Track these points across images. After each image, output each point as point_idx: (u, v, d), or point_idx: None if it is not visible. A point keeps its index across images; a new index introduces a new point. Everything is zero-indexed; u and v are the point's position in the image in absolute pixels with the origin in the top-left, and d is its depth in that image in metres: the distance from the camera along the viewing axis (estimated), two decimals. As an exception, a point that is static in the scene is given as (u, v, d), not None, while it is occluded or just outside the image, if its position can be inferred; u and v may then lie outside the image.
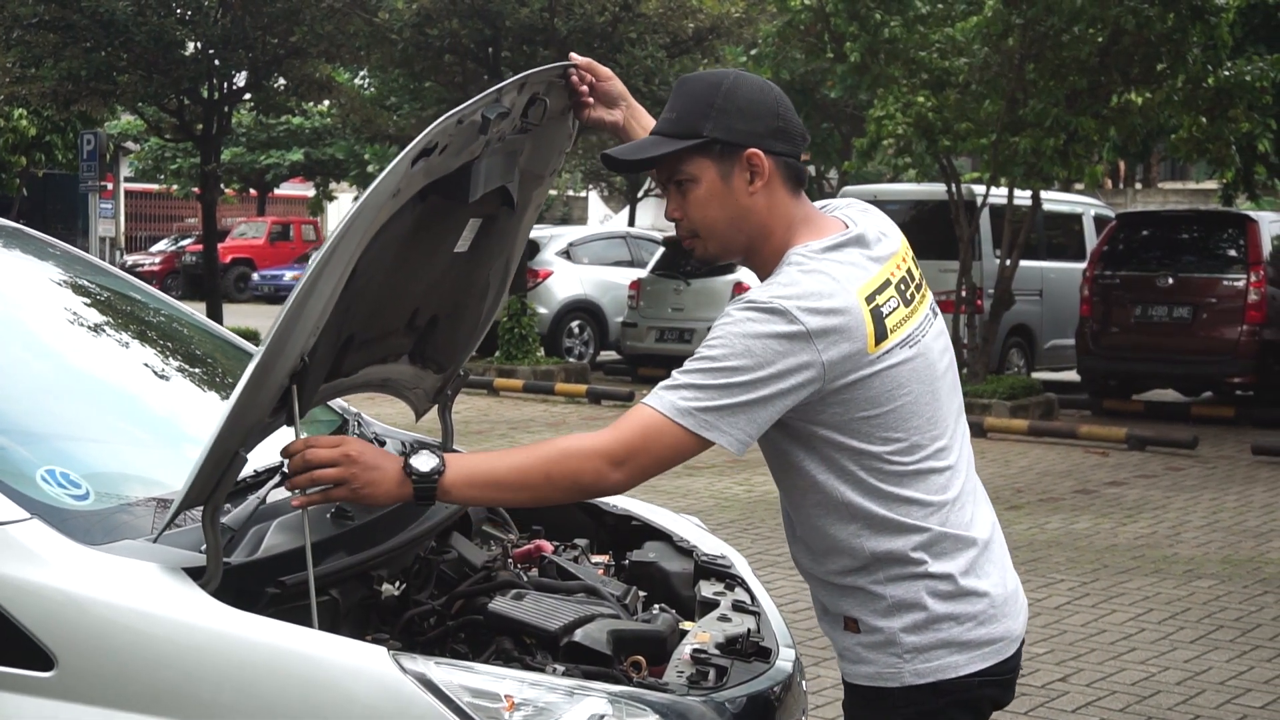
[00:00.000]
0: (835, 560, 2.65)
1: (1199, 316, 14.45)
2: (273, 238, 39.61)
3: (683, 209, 2.66)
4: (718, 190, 2.63)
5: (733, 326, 2.52)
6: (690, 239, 2.69)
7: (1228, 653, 6.56)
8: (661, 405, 2.52)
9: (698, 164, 2.62)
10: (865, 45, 14.62)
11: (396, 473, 2.51)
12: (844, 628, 2.68)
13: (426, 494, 2.50)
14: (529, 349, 17.81)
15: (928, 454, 2.61)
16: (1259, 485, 11.01)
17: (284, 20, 19.42)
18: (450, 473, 2.50)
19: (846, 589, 2.65)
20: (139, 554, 2.53)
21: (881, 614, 2.62)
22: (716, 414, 2.51)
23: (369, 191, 2.49)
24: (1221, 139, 15.10)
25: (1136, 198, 37.92)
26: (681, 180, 2.64)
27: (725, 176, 2.62)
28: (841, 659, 2.71)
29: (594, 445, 2.51)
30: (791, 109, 2.71)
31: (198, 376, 3.82)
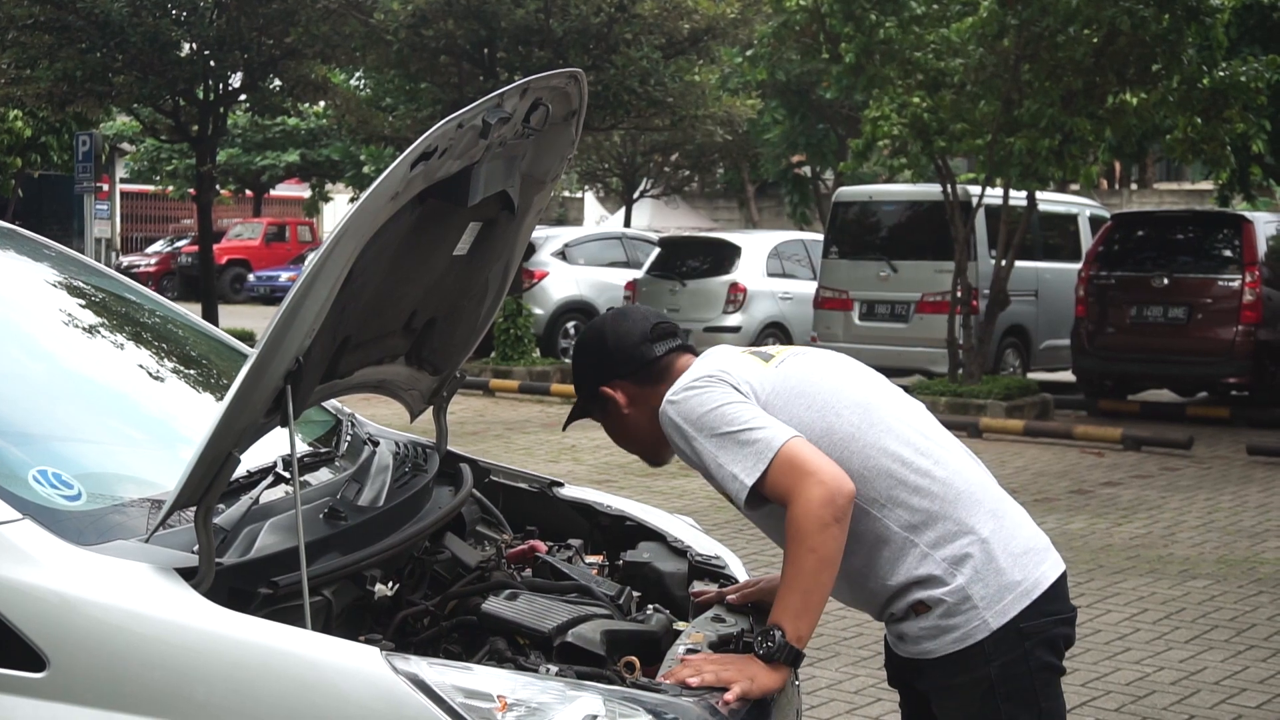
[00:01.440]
0: (877, 564, 2.91)
1: (1194, 317, 14.47)
2: (268, 239, 39.59)
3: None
4: (615, 419, 3.17)
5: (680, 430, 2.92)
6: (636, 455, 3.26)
7: (1223, 652, 6.57)
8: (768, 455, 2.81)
9: (591, 409, 3.21)
10: (861, 46, 14.63)
11: (762, 665, 2.75)
12: (914, 616, 2.93)
13: (795, 659, 2.79)
14: (525, 350, 17.81)
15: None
16: (1254, 485, 11.01)
17: (279, 21, 19.40)
18: (789, 630, 2.76)
19: (900, 580, 2.91)
20: (131, 554, 2.52)
21: (943, 580, 2.89)
22: (760, 428, 2.89)
23: (367, 194, 2.49)
24: (1216, 140, 15.10)
25: (1132, 198, 37.93)
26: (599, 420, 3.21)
27: (606, 410, 3.17)
28: (918, 644, 2.93)
29: (798, 506, 2.77)
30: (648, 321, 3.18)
31: (192, 377, 3.82)
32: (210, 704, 2.39)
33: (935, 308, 15.60)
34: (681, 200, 40.50)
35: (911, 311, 15.97)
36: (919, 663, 2.96)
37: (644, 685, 2.64)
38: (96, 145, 22.73)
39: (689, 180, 39.01)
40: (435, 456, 3.62)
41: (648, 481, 10.67)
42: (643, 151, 32.61)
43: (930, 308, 15.73)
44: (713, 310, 17.94)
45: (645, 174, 34.91)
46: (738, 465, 2.81)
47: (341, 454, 3.41)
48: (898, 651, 3.03)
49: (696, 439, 2.86)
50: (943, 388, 14.64)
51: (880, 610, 3.00)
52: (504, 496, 3.84)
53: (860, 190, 17.63)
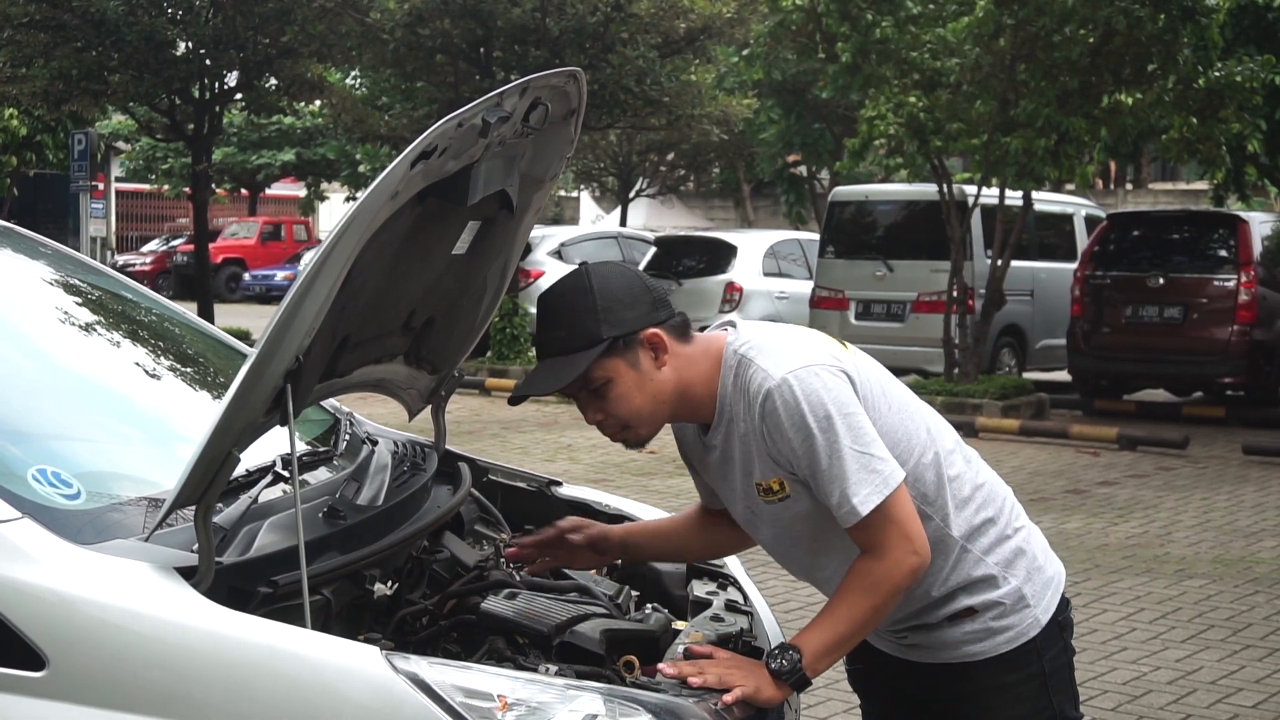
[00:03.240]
0: (928, 572, 2.82)
1: (1190, 317, 14.48)
2: (264, 238, 39.58)
3: (604, 410, 2.79)
4: (633, 380, 2.77)
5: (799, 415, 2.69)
6: (621, 433, 2.82)
7: (1219, 652, 6.58)
8: (885, 492, 2.69)
9: (607, 366, 2.75)
10: (857, 45, 14.63)
11: (769, 678, 2.69)
12: (953, 623, 2.88)
13: (802, 684, 2.73)
14: (521, 349, 17.80)
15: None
16: (1250, 485, 11.03)
17: (275, 20, 19.40)
18: (807, 657, 2.70)
19: (948, 588, 2.87)
20: (131, 553, 2.52)
21: (997, 583, 2.88)
22: (883, 460, 2.72)
23: (367, 193, 2.48)
24: (1212, 140, 15.11)
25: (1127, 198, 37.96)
26: (597, 386, 2.76)
27: (634, 365, 2.77)
28: (958, 649, 2.89)
29: (891, 564, 2.70)
30: (647, 277, 2.90)
31: (189, 376, 3.82)
32: (209, 703, 2.39)
33: (931, 307, 15.61)
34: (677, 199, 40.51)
35: (907, 311, 15.98)
36: (955, 667, 2.91)
37: (644, 685, 2.64)
38: (92, 144, 22.72)
39: (685, 179, 39.03)
40: (434, 455, 3.62)
41: (644, 481, 10.67)
42: (638, 151, 32.62)
43: (926, 307, 15.74)
44: (709, 309, 17.92)
45: (641, 173, 34.92)
46: (859, 488, 2.68)
47: (340, 453, 3.41)
48: (908, 658, 2.97)
49: (818, 436, 2.67)
50: (938, 387, 14.65)
51: (907, 619, 2.92)
52: (502, 496, 3.84)
53: (856, 190, 17.63)
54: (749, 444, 2.78)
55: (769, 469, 2.78)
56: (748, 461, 2.81)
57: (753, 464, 2.80)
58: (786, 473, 2.76)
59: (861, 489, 2.67)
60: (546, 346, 2.80)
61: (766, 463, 2.77)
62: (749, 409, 2.75)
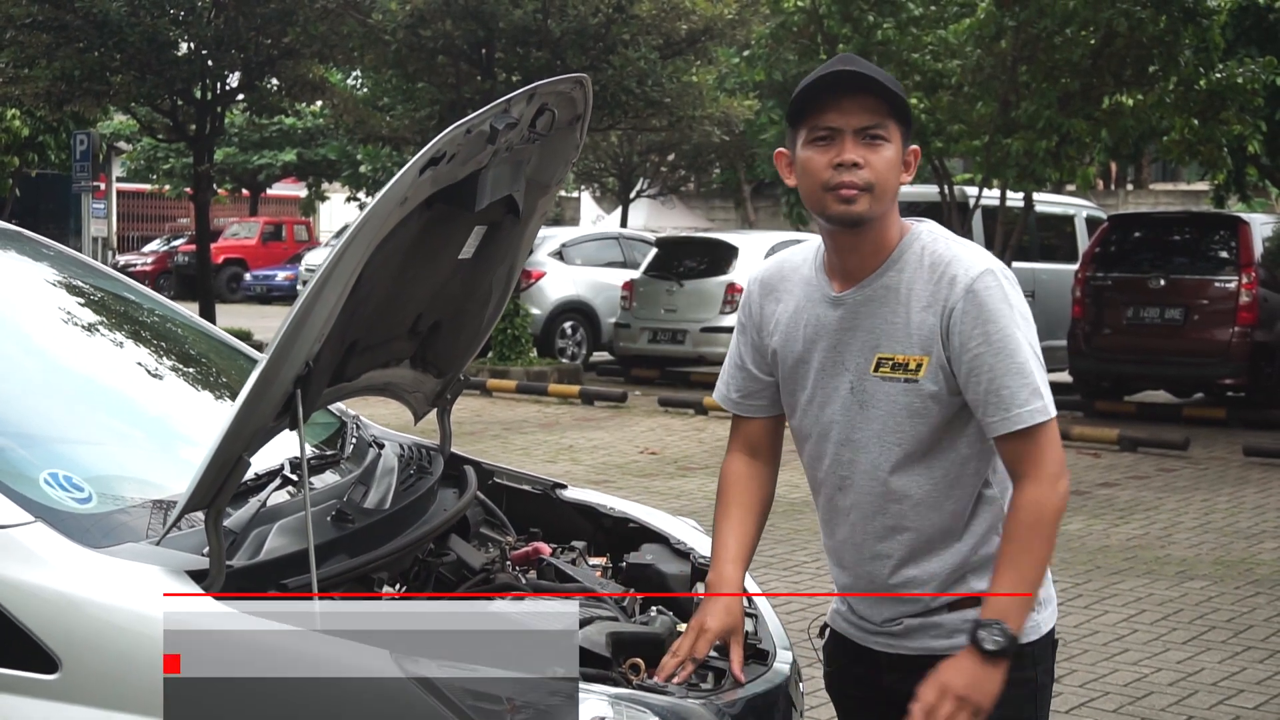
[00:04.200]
0: (972, 531, 2.72)
1: (1191, 318, 14.49)
2: (265, 238, 39.60)
3: (868, 160, 2.63)
4: (895, 164, 2.67)
5: (1003, 309, 2.62)
6: (859, 193, 2.64)
7: (1220, 653, 6.59)
8: (1052, 411, 2.65)
9: (895, 131, 2.67)
10: (858, 47, 14.64)
11: (984, 664, 2.57)
12: (959, 609, 2.73)
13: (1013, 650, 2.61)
14: (522, 350, 17.82)
15: None
16: (1250, 486, 11.04)
17: (277, 21, 19.43)
18: (1012, 623, 2.59)
19: (974, 564, 2.73)
20: (142, 557, 2.55)
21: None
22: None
23: (377, 199, 2.51)
24: (1213, 141, 15.15)
25: (1128, 199, 37.97)
26: (876, 134, 2.64)
27: (899, 152, 2.68)
28: (956, 637, 2.71)
29: (1050, 488, 2.62)
30: None
31: (199, 379, 3.84)
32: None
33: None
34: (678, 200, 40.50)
35: (909, 312, 15.96)
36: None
37: (651, 687, 2.66)
38: (94, 145, 22.75)
39: (685, 180, 39.02)
40: (439, 459, 3.64)
41: (645, 482, 10.69)
42: (639, 151, 32.62)
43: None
44: (710, 311, 17.95)
45: (642, 174, 34.92)
46: (1045, 390, 2.63)
47: (347, 456, 3.43)
48: (897, 649, 2.80)
49: (1021, 327, 2.63)
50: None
51: (917, 594, 2.76)
52: (507, 498, 3.86)
53: (856, 191, 17.64)
54: (903, 313, 2.68)
55: (915, 345, 2.67)
56: (886, 331, 2.69)
57: (893, 335, 2.69)
58: (938, 356, 2.65)
59: (1046, 393, 2.64)
60: (869, 73, 2.65)
61: (920, 337, 2.66)
62: (935, 279, 2.66)
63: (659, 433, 13.45)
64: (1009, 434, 2.63)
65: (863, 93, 2.63)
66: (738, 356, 2.96)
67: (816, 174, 2.66)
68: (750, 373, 2.94)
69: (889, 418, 2.70)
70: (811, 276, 2.82)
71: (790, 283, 2.86)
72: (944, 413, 2.68)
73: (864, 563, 2.80)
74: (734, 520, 2.95)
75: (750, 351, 2.93)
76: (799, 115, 2.69)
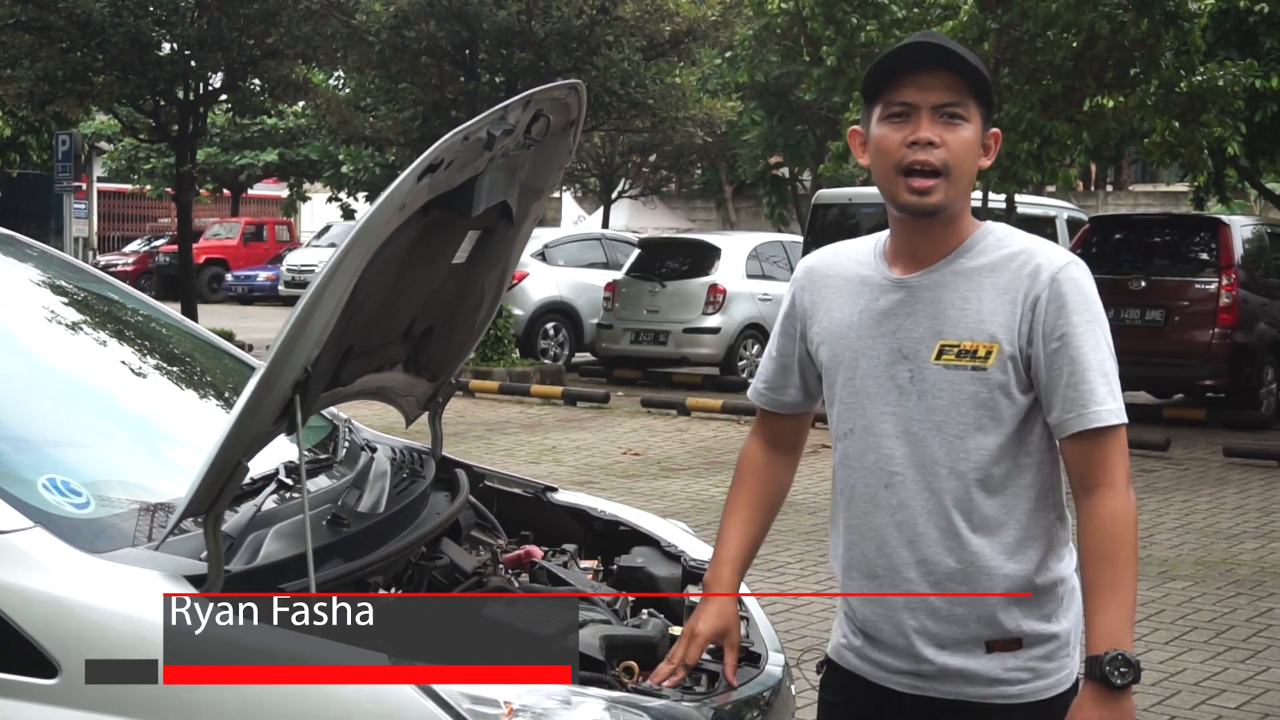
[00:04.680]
0: (1028, 554, 2.54)
1: (1171, 319, 14.55)
2: (246, 238, 39.49)
3: (945, 139, 2.51)
4: (974, 145, 2.55)
5: (1088, 305, 2.52)
6: (932, 178, 2.51)
7: (1202, 654, 6.64)
8: (1125, 416, 2.51)
9: (974, 111, 2.55)
10: (842, 49, 14.69)
11: (1116, 700, 2.41)
12: (997, 651, 2.55)
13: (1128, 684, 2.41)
14: (504, 350, 17.82)
15: None
16: (1230, 487, 11.11)
17: (260, 21, 19.40)
18: (1127, 647, 2.42)
19: (1021, 598, 2.54)
20: (141, 562, 2.56)
21: (1057, 614, 2.57)
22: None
23: (376, 206, 2.54)
24: (1194, 143, 15.22)
25: (1108, 200, 38.13)
26: (955, 113, 2.52)
27: (978, 133, 2.56)
28: (993, 686, 2.55)
29: (1126, 498, 2.47)
30: None
31: (195, 383, 3.85)
32: (221, 710, 2.43)
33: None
34: (659, 201, 40.54)
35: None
36: (981, 708, 2.57)
37: (645, 690, 2.68)
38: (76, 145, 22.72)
39: (667, 181, 39.06)
40: (431, 462, 3.66)
41: (629, 483, 10.71)
42: (621, 152, 32.65)
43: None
44: (692, 311, 17.98)
45: (624, 174, 34.96)
46: (1119, 392, 2.49)
47: (340, 460, 3.45)
48: (924, 691, 2.59)
49: (1101, 324, 2.52)
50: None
51: (966, 628, 2.56)
52: (498, 501, 3.88)
53: (840, 193, 17.68)
54: (974, 300, 2.53)
55: (984, 333, 2.52)
56: (953, 317, 2.54)
57: (961, 321, 2.53)
58: (1011, 346, 2.50)
59: (1119, 395, 2.49)
60: (954, 49, 2.54)
61: (993, 325, 2.51)
62: (1015, 268, 2.52)
63: (642, 434, 13.47)
64: (1082, 433, 2.48)
65: (942, 68, 2.51)
66: (772, 347, 2.80)
67: (890, 152, 2.52)
68: (782, 364, 2.78)
69: (952, 408, 2.53)
70: (870, 262, 2.65)
71: (843, 270, 2.68)
72: (1011, 409, 2.52)
73: (902, 569, 2.57)
74: (741, 516, 2.82)
75: (784, 341, 2.77)
76: (875, 91, 2.55)
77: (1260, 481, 11.34)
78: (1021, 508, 2.55)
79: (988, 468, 2.53)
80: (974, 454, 2.53)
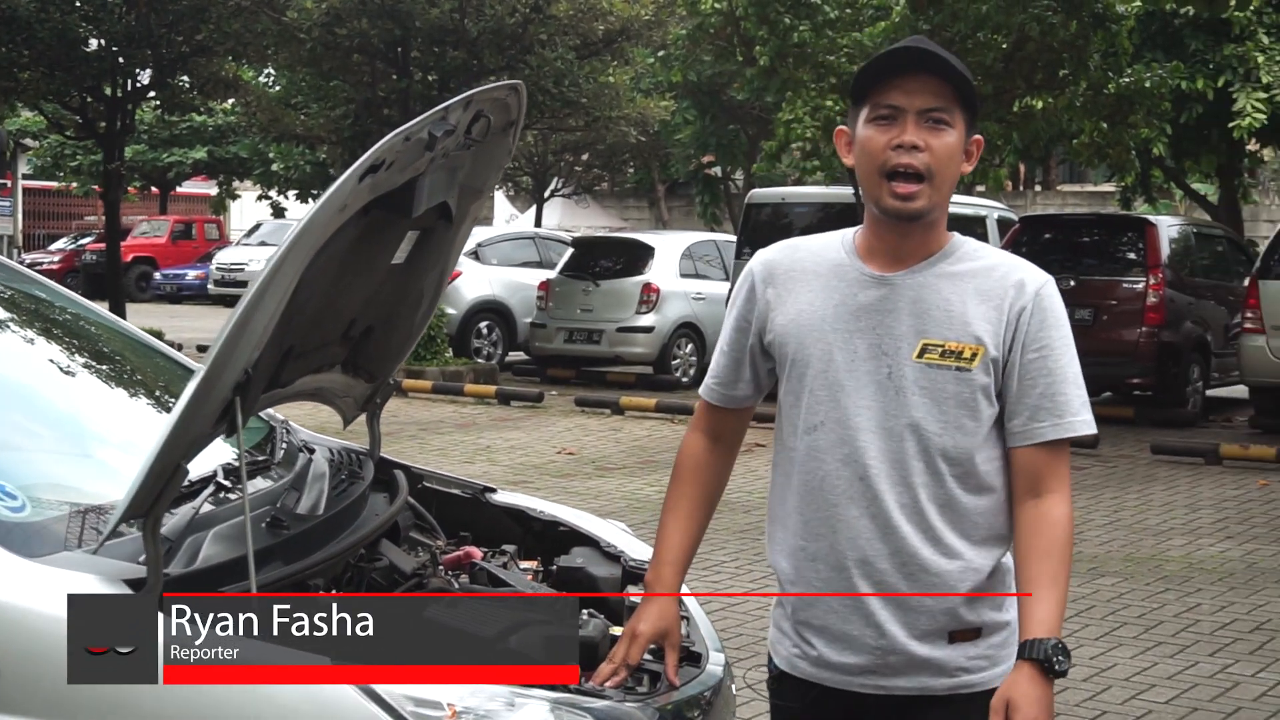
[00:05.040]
0: (993, 550, 2.62)
1: (1100, 318, 14.70)
2: (175, 236, 39.10)
3: (930, 144, 2.55)
4: (957, 151, 2.60)
5: (1064, 321, 2.61)
6: (915, 184, 2.56)
7: (1131, 649, 6.72)
8: (1091, 427, 2.62)
9: (959, 117, 2.59)
10: (775, 49, 14.75)
11: (1047, 683, 2.47)
12: (959, 641, 2.61)
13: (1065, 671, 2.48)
14: (437, 350, 17.75)
15: None
16: (1158, 484, 11.25)
17: (190, 18, 19.22)
18: (1059, 637, 2.50)
19: (980, 591, 2.61)
20: (79, 566, 2.54)
21: (1006, 603, 2.64)
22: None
23: (317, 206, 2.52)
24: (1122, 144, 15.40)
25: (1036, 200, 38.49)
26: (940, 118, 2.56)
27: (961, 140, 2.60)
28: (955, 676, 2.61)
29: (1070, 506, 2.60)
30: None
31: (127, 382, 3.81)
32: (161, 714, 2.41)
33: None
34: (592, 199, 40.55)
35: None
36: (943, 700, 2.61)
37: (588, 691, 2.69)
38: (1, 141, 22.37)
39: (600, 180, 39.08)
40: (370, 463, 3.65)
41: (563, 482, 10.71)
42: (554, 151, 32.62)
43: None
44: (626, 311, 17.99)
45: (556, 173, 34.93)
46: (1087, 406, 2.61)
47: (278, 462, 3.43)
48: (893, 689, 2.62)
49: (1071, 343, 2.61)
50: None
51: (934, 619, 2.60)
52: (437, 502, 3.87)
53: (773, 192, 17.75)
54: (958, 303, 2.59)
55: (970, 335, 2.57)
56: (937, 318, 2.59)
57: (945, 322, 2.58)
58: (994, 351, 2.57)
59: (1088, 409, 2.61)
60: (937, 50, 2.58)
61: (977, 329, 2.57)
62: (999, 279, 2.59)
63: (576, 433, 13.47)
64: (1048, 442, 2.58)
65: (929, 74, 2.55)
66: (724, 343, 2.80)
67: (875, 154, 2.57)
68: (734, 359, 2.78)
69: (933, 406, 2.57)
70: (843, 259, 2.68)
71: (811, 264, 2.70)
72: (990, 410, 2.59)
73: (874, 560, 2.59)
74: (682, 514, 2.82)
75: (737, 336, 2.77)
76: (862, 93, 2.60)
77: (1187, 478, 11.49)
78: (992, 505, 2.62)
79: (965, 465, 2.59)
80: (952, 451, 2.58)
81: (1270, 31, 17.95)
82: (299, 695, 2.40)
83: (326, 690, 2.40)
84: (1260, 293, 13.83)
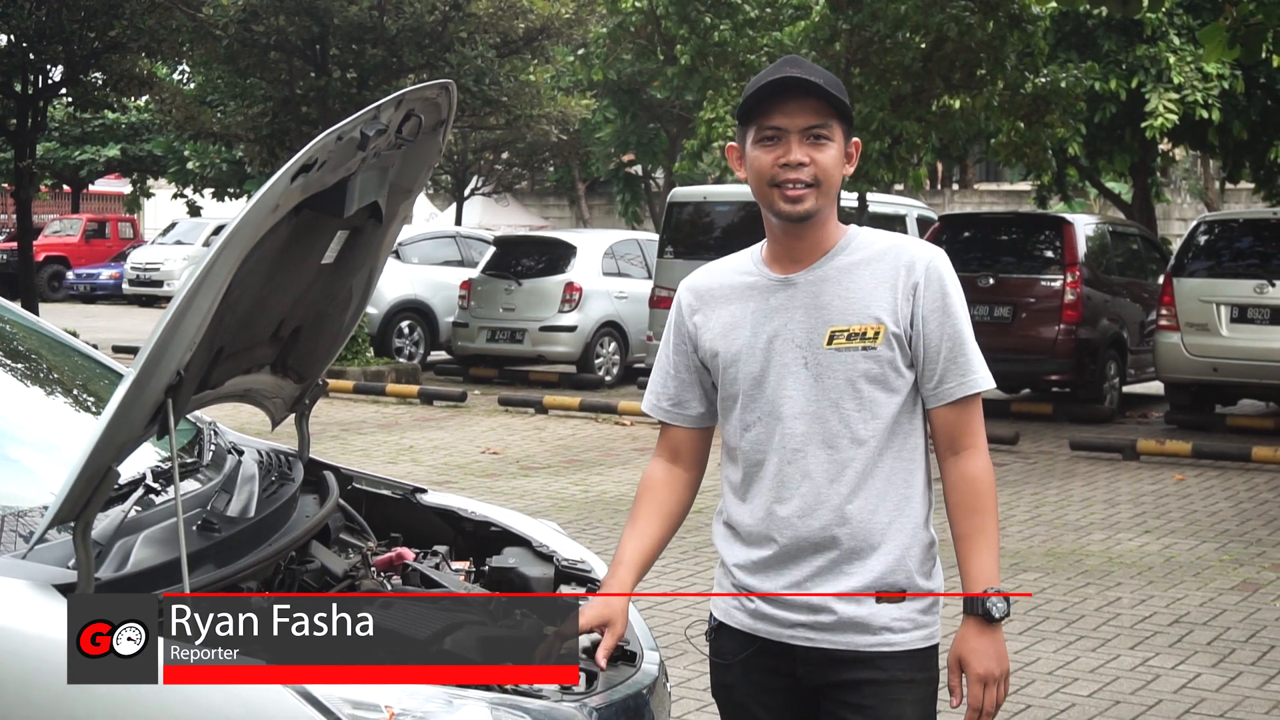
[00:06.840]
0: (917, 512, 2.86)
1: (1019, 316, 14.85)
2: (88, 235, 38.55)
3: (814, 158, 2.78)
4: (839, 159, 2.82)
5: (956, 288, 2.86)
6: (805, 190, 2.79)
7: (1054, 643, 6.79)
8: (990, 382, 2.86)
9: (837, 130, 2.81)
10: (696, 48, 14.80)
11: (992, 632, 2.80)
12: (885, 600, 2.82)
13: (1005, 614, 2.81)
14: (359, 349, 17.65)
15: None
16: (1077, 480, 11.38)
17: (103, 14, 18.97)
18: (996, 584, 2.81)
19: (903, 552, 2.84)
20: (7, 571, 2.49)
21: (932, 571, 2.89)
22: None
23: (249, 207, 2.50)
24: (1038, 143, 15.57)
25: (954, 199, 38.87)
26: (820, 134, 2.78)
27: (841, 148, 2.83)
28: (878, 634, 2.81)
29: (987, 458, 2.86)
30: None
31: (49, 383, 3.75)
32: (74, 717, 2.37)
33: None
34: (512, 198, 40.47)
35: (746, 310, 16.12)
36: (865, 655, 2.80)
37: (525, 691, 2.68)
38: (-91, 139, 21.99)
39: (520, 178, 39.02)
40: (299, 465, 3.62)
41: (488, 482, 10.67)
42: (474, 149, 32.51)
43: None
44: (548, 310, 17.96)
45: (476, 171, 34.82)
46: (984, 365, 2.84)
47: (206, 464, 3.39)
48: (825, 644, 2.81)
49: (964, 310, 2.85)
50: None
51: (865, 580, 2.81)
52: (367, 503, 3.85)
53: (694, 191, 17.78)
54: (856, 290, 2.81)
55: (870, 317, 2.79)
56: (839, 306, 2.81)
57: (846, 310, 2.80)
58: (895, 327, 2.79)
59: (984, 368, 2.84)
60: (808, 74, 2.78)
61: (876, 310, 2.79)
62: (891, 261, 2.82)
63: (500, 432, 13.43)
64: (958, 400, 2.82)
65: (807, 95, 2.76)
66: (669, 365, 3.00)
67: (764, 172, 2.80)
68: (683, 380, 2.98)
69: (848, 385, 2.80)
70: (752, 269, 2.92)
71: (726, 281, 2.94)
72: (900, 381, 2.82)
73: (810, 534, 2.80)
74: (638, 528, 2.96)
75: (682, 359, 2.98)
76: (748, 116, 2.82)
77: (1105, 474, 11.63)
78: (914, 469, 2.86)
79: (884, 435, 2.81)
80: (871, 423, 2.80)
81: (1181, 33, 18.25)
82: (236, 697, 2.37)
83: (263, 692, 2.37)
84: (1175, 290, 14.03)
